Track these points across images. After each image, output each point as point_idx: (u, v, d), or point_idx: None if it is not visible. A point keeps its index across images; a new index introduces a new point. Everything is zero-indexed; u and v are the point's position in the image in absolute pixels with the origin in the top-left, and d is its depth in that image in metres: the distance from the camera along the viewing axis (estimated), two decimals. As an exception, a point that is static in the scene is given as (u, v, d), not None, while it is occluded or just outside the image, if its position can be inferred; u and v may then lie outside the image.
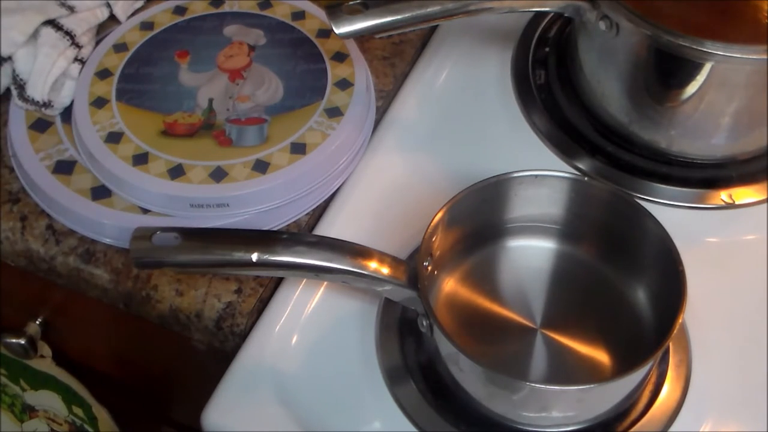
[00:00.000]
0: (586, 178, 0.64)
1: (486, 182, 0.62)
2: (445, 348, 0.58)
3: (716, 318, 0.64)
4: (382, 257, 0.58)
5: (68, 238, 0.68)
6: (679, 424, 0.59)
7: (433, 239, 0.60)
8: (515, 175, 0.62)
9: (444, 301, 0.63)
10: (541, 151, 0.73)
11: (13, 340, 0.82)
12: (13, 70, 0.72)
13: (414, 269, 0.58)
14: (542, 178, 0.62)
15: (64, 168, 0.69)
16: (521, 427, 0.58)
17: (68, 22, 0.73)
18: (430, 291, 0.61)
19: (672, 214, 0.68)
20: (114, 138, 0.69)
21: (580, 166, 0.72)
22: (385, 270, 0.58)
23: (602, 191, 0.63)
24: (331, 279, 0.61)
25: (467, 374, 0.58)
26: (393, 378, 0.61)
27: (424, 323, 0.58)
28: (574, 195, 0.63)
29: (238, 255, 0.57)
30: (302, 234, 0.68)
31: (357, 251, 0.58)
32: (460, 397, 0.59)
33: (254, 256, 0.56)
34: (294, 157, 0.68)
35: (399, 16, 0.66)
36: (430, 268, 0.61)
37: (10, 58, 0.72)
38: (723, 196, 0.70)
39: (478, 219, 0.63)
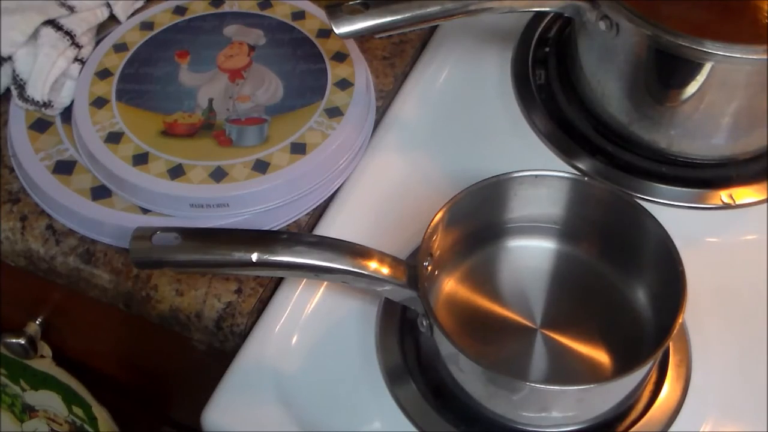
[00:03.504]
0: (585, 178, 0.64)
1: (486, 182, 0.62)
2: (445, 348, 0.58)
3: (716, 318, 0.64)
4: (382, 257, 0.58)
5: (68, 238, 0.68)
6: (679, 424, 0.59)
7: (433, 239, 0.60)
8: (515, 175, 0.62)
9: (444, 301, 0.63)
10: (541, 151, 0.73)
11: (13, 340, 0.82)
12: (13, 70, 0.72)
13: (414, 269, 0.58)
14: (542, 178, 0.62)
15: (64, 168, 0.69)
16: (521, 427, 0.58)
17: (68, 22, 0.73)
18: (430, 291, 0.61)
19: (672, 214, 0.68)
20: (114, 138, 0.69)
21: (580, 166, 0.72)
22: (385, 270, 0.58)
23: (602, 191, 0.63)
24: (331, 279, 0.61)
25: (467, 374, 0.58)
26: (393, 378, 0.61)
27: (424, 323, 0.58)
28: (574, 195, 0.63)
29: (238, 255, 0.57)
30: (302, 234, 0.68)
31: (357, 251, 0.58)
32: (460, 397, 0.59)
33: (254, 256, 0.56)
34: (294, 157, 0.68)
35: (399, 16, 0.66)
36: (430, 268, 0.61)
37: (10, 58, 0.72)
38: (723, 196, 0.70)
39: (478, 219, 0.63)
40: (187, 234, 0.58)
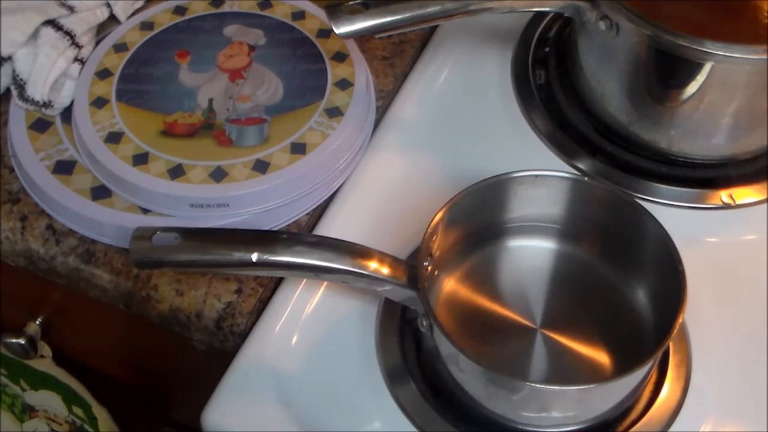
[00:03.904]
0: (586, 179, 0.64)
1: (486, 182, 0.62)
2: (445, 348, 0.58)
3: (716, 318, 0.64)
4: (382, 257, 0.58)
5: (68, 238, 0.68)
6: (679, 424, 0.59)
7: (433, 239, 0.60)
8: (515, 175, 0.62)
9: (444, 302, 0.63)
10: (541, 151, 0.73)
11: (13, 340, 0.82)
12: (13, 70, 0.72)
13: (414, 269, 0.58)
14: (542, 178, 0.62)
15: (64, 168, 0.69)
16: (521, 427, 0.58)
17: (68, 22, 0.73)
18: (430, 291, 0.61)
19: (672, 214, 0.68)
20: (114, 138, 0.69)
21: (580, 166, 0.72)
22: (385, 270, 0.58)
23: (602, 191, 0.63)
24: (331, 279, 0.61)
25: (467, 374, 0.58)
26: (393, 378, 0.61)
27: (424, 323, 0.58)
28: (574, 195, 0.63)
29: (238, 255, 0.57)
30: (302, 234, 0.68)
31: (357, 251, 0.58)
32: (460, 397, 0.59)
33: (254, 256, 0.56)
34: (294, 157, 0.68)
35: (399, 16, 0.66)
36: (430, 268, 0.61)
37: (10, 58, 0.72)
38: (723, 196, 0.70)
39: (478, 219, 0.63)
40: (187, 234, 0.58)
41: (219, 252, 0.57)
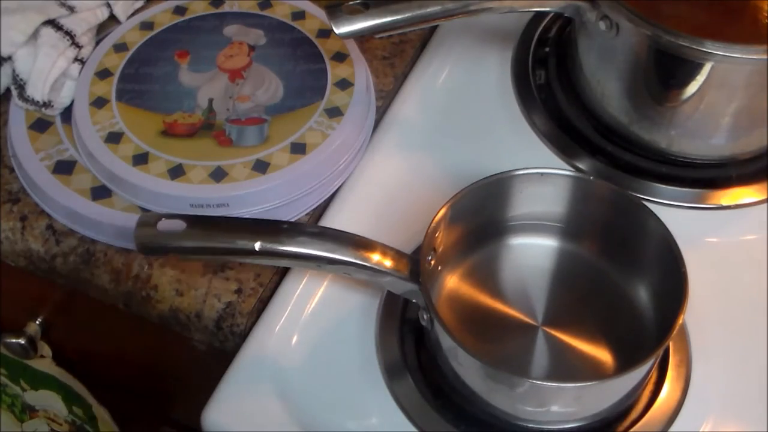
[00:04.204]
0: (590, 177, 0.64)
1: (489, 179, 0.62)
2: (446, 342, 0.58)
3: (716, 318, 0.64)
4: (385, 249, 0.58)
5: (68, 238, 0.68)
6: (679, 424, 0.59)
7: (436, 235, 0.60)
8: (519, 172, 0.62)
9: (446, 298, 0.63)
10: (541, 151, 0.73)
11: (13, 340, 0.82)
12: (13, 70, 0.72)
13: (416, 262, 0.58)
14: (547, 176, 0.62)
15: (64, 168, 0.69)
16: (521, 423, 0.58)
17: (68, 22, 0.73)
18: (433, 287, 0.61)
19: (672, 214, 0.68)
20: (114, 138, 0.69)
21: (581, 166, 0.72)
22: (387, 262, 0.58)
23: (606, 190, 0.63)
24: (334, 270, 0.61)
25: (467, 369, 0.58)
26: (393, 378, 0.61)
27: (425, 316, 0.58)
28: (578, 193, 0.63)
29: (242, 243, 0.57)
30: (306, 225, 0.68)
31: (360, 243, 0.58)
32: (459, 397, 0.59)
33: (257, 245, 0.57)
34: (294, 157, 0.68)
35: (399, 16, 0.66)
36: (433, 262, 0.61)
37: (10, 58, 0.72)
38: (723, 196, 0.70)
39: (480, 216, 0.63)
40: (192, 221, 0.58)
41: (223, 239, 0.57)
